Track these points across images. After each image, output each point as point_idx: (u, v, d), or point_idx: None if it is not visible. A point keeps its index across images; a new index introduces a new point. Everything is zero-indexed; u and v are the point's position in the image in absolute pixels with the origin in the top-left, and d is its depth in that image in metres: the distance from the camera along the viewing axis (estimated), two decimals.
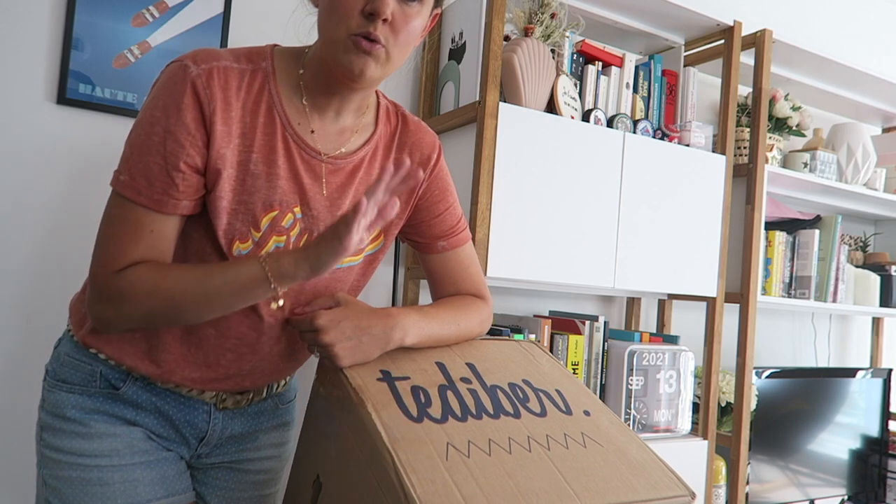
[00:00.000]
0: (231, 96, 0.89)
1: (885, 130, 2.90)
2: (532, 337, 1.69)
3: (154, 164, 0.86)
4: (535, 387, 0.99)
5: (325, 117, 0.97)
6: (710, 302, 1.99)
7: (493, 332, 1.61)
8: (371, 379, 0.90)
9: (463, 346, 1.05)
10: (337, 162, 0.97)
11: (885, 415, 2.59)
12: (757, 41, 2.09)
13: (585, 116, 1.79)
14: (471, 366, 1.00)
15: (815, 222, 2.39)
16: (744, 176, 2.10)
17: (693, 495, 0.88)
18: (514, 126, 1.63)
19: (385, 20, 0.87)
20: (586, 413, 0.97)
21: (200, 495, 1.07)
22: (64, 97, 1.53)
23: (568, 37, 1.79)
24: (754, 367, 2.14)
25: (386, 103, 1.06)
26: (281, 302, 0.90)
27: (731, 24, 2.02)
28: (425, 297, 1.94)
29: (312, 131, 0.95)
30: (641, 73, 1.95)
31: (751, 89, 2.14)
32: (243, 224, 0.92)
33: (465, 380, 0.96)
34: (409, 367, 0.95)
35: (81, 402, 0.96)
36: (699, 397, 1.99)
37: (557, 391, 1.00)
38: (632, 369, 1.78)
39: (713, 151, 2.01)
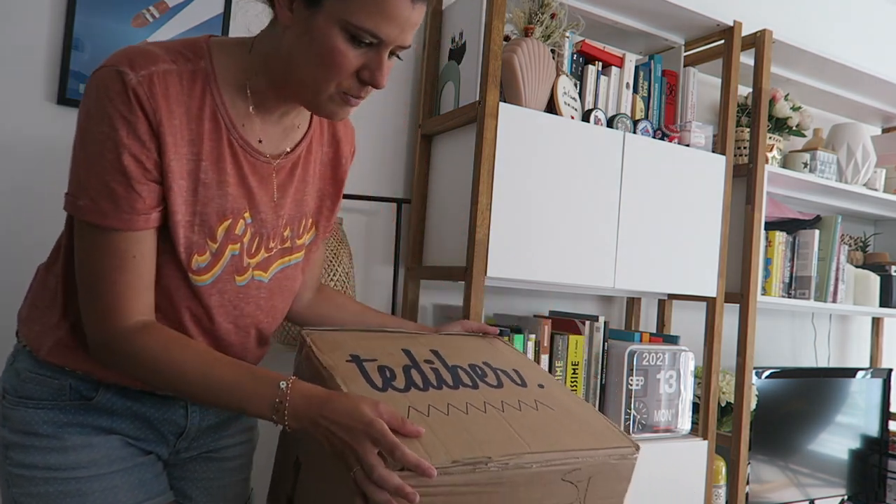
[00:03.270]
0: (173, 103, 0.86)
1: (885, 130, 2.90)
2: (532, 337, 1.69)
3: (115, 182, 0.84)
4: (494, 366, 1.07)
5: (270, 119, 0.96)
6: (710, 302, 1.99)
7: None
8: (341, 360, 0.97)
9: (429, 337, 1.13)
10: (281, 161, 0.98)
11: (885, 415, 2.59)
12: (757, 41, 2.09)
13: (585, 116, 1.79)
14: (435, 352, 1.07)
15: (815, 222, 2.39)
16: (744, 176, 2.10)
17: (637, 447, 0.94)
18: (514, 126, 1.63)
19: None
20: (540, 385, 1.06)
21: (181, 491, 1.07)
22: (64, 97, 1.53)
23: (568, 37, 1.79)
24: (754, 367, 2.14)
25: None
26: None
27: (731, 24, 2.02)
28: (425, 297, 1.94)
29: (261, 141, 0.95)
30: (641, 73, 1.95)
31: (751, 89, 2.14)
32: (200, 236, 0.91)
33: (428, 361, 1.03)
34: (376, 352, 1.02)
35: (53, 416, 0.93)
36: (699, 397, 1.99)
37: (515, 370, 1.08)
38: (632, 369, 1.78)
39: (713, 151, 2.01)
